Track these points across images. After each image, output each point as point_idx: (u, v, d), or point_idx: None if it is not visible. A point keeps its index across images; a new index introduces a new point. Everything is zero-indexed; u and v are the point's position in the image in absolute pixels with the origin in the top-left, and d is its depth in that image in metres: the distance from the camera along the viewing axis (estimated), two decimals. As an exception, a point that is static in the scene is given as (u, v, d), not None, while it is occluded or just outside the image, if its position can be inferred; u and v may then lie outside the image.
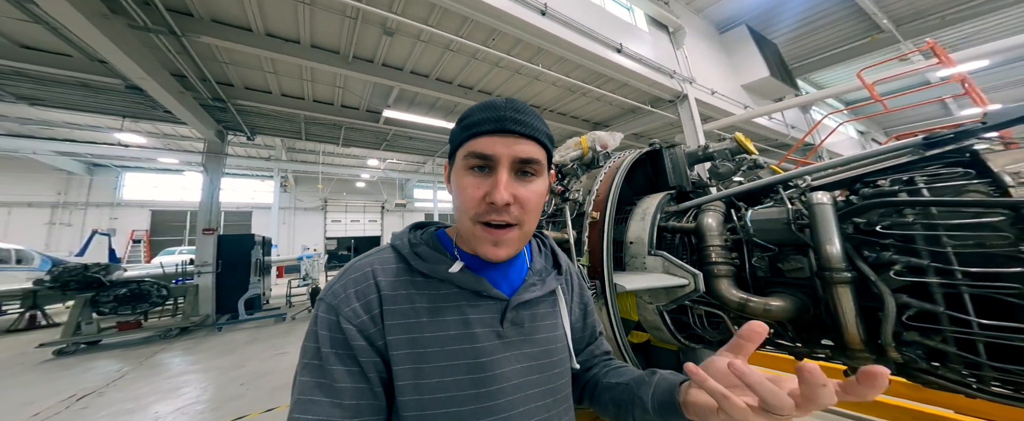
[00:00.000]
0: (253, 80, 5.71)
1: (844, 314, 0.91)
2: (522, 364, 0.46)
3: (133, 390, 3.10)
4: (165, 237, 13.52)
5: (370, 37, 4.88)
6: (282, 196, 15.71)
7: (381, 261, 0.47)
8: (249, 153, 12.39)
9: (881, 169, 1.00)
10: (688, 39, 6.45)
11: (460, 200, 0.44)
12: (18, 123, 8.43)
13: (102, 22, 3.29)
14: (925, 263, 0.80)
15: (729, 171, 1.71)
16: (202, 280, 5.85)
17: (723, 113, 6.84)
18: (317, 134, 8.26)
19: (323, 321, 0.42)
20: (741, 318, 1.34)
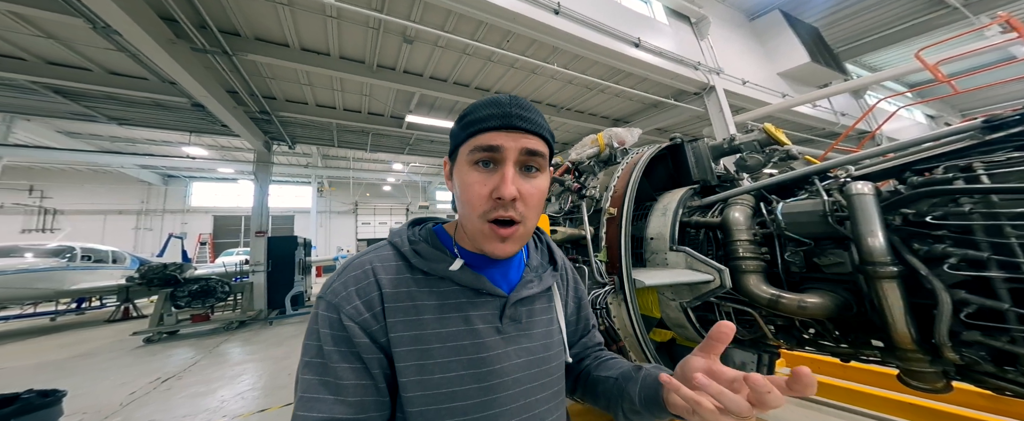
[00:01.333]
0: (292, 92, 6.21)
1: (891, 311, 0.83)
2: (521, 359, 0.46)
3: (204, 375, 3.50)
4: (225, 239, 15.07)
5: (391, 46, 5.12)
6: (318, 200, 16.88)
7: (380, 259, 0.47)
8: (290, 161, 13.45)
9: (933, 156, 0.89)
10: (713, 28, 6.07)
11: (466, 197, 0.43)
12: (109, 141, 9.81)
13: (170, 47, 3.76)
14: (986, 256, 0.71)
15: (758, 163, 1.61)
16: (256, 278, 6.46)
17: (757, 103, 6.35)
18: (347, 141, 8.81)
19: (324, 319, 0.42)
20: (773, 316, 1.26)
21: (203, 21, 4.03)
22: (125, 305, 7.01)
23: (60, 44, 4.40)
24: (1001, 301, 0.70)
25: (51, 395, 1.43)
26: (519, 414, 0.44)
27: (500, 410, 0.43)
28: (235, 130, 6.16)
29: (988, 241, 0.72)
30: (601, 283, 1.40)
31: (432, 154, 10.69)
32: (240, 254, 10.70)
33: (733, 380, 0.37)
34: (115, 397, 2.99)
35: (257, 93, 5.71)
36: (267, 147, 7.26)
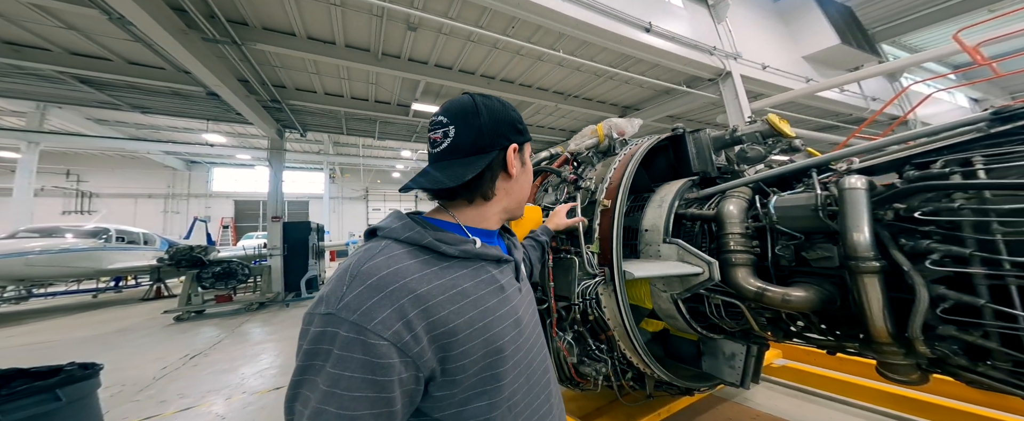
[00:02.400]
0: (301, 81, 6.26)
1: (870, 305, 0.82)
2: (530, 307, 0.58)
3: (228, 353, 3.75)
4: (246, 223, 15.75)
5: (395, 33, 5.05)
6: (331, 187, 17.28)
7: (398, 259, 0.44)
8: (304, 149, 13.73)
9: (936, 149, 0.85)
10: (732, 10, 5.68)
11: (531, 180, 0.61)
12: (135, 128, 10.23)
13: (181, 36, 3.84)
14: (968, 252, 0.69)
15: (759, 155, 1.56)
16: (273, 261, 6.78)
17: (777, 89, 6.00)
18: (356, 129, 8.91)
19: (342, 341, 0.37)
20: (760, 309, 1.26)
21: (212, 11, 4.07)
22: (157, 285, 7.50)
23: (80, 34, 4.54)
24: (979, 297, 0.69)
25: (90, 368, 1.57)
26: (540, 351, 0.56)
27: (533, 352, 0.53)
28: (248, 118, 6.32)
29: (974, 238, 0.70)
30: (591, 274, 1.42)
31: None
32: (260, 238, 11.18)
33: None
34: (149, 371, 3.26)
35: (267, 82, 5.81)
36: (279, 134, 7.43)
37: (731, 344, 1.69)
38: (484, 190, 0.53)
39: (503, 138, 0.53)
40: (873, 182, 0.89)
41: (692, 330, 1.52)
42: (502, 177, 0.55)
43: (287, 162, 15.34)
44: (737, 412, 1.93)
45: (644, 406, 1.79)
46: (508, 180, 0.56)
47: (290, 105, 6.67)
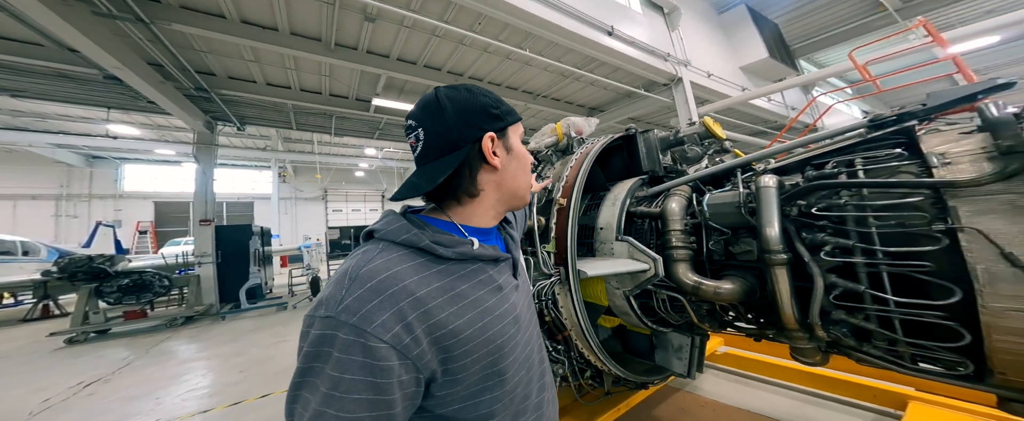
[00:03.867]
0: (236, 69, 5.59)
1: (781, 294, 0.92)
2: (526, 303, 0.58)
3: (140, 375, 3.24)
4: (170, 228, 13.71)
5: (351, 24, 4.73)
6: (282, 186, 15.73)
7: (395, 262, 0.44)
8: (245, 144, 12.32)
9: (830, 151, 0.98)
10: (684, 20, 6.18)
11: (528, 162, 0.56)
12: (11, 116, 8.38)
13: (62, 9, 3.18)
14: (852, 244, 0.80)
15: (697, 155, 1.69)
16: (203, 270, 5.97)
17: (719, 96, 6.65)
18: (308, 124, 8.18)
19: (342, 344, 0.38)
20: (698, 302, 1.36)
21: (106, -19, 3.45)
22: (44, 302, 6.23)
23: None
24: (860, 283, 0.79)
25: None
26: (538, 344, 0.57)
27: (531, 347, 0.54)
28: (165, 108, 5.48)
29: (855, 230, 0.80)
30: (547, 274, 1.42)
31: (406, 140, 10.23)
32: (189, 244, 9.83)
33: None
34: (26, 404, 2.70)
35: (190, 68, 5.06)
36: (209, 128, 6.55)
37: (678, 336, 1.81)
38: (466, 188, 0.51)
39: (474, 129, 0.50)
40: (782, 181, 0.99)
41: (643, 325, 1.59)
42: (485, 170, 0.52)
43: (223, 159, 13.71)
44: (688, 401, 2.08)
45: (604, 403, 1.85)
46: (494, 172, 0.53)
47: (222, 95, 5.90)
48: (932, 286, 0.71)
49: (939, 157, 0.71)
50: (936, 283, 0.71)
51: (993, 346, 0.63)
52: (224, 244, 6.22)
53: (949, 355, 0.72)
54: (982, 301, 0.63)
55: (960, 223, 0.66)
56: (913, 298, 0.73)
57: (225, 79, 5.76)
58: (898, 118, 0.84)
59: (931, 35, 3.50)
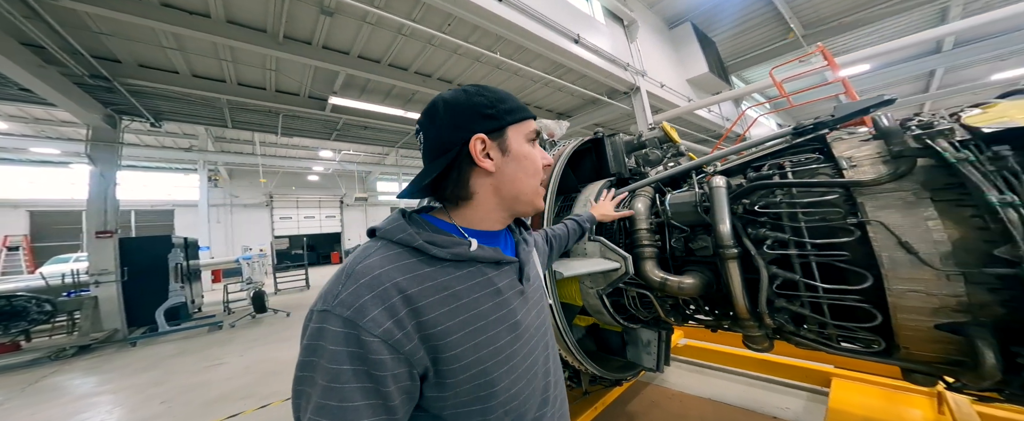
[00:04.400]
0: (149, 57, 4.82)
1: (733, 287, 1.03)
2: (534, 311, 0.55)
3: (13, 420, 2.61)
4: (53, 242, 11.28)
5: (305, 16, 4.39)
6: (214, 192, 13.88)
7: (391, 259, 0.46)
8: (162, 142, 10.68)
9: (765, 155, 1.13)
10: (641, 33, 6.74)
11: (531, 167, 0.54)
12: None
13: None
14: (787, 237, 0.92)
15: (657, 158, 1.84)
16: (103, 291, 5.00)
17: (670, 105, 7.34)
18: (247, 122, 7.32)
19: (336, 336, 0.40)
20: (664, 297, 1.47)
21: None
22: None
23: None
24: (795, 273, 0.92)
25: None
26: (542, 354, 0.54)
27: (529, 358, 0.51)
28: (46, 97, 4.50)
29: (789, 225, 0.93)
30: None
31: (369, 142, 9.67)
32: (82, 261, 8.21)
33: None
34: None
35: (84, 52, 4.24)
36: (111, 123, 5.53)
37: (647, 332, 1.93)
38: (457, 191, 0.52)
39: (464, 131, 0.50)
40: (730, 182, 1.12)
41: (616, 322, 1.67)
42: (478, 173, 0.52)
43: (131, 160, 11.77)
44: (659, 394, 2.21)
45: (582, 403, 1.89)
46: (489, 175, 0.52)
47: (129, 85, 5.02)
48: (850, 273, 0.85)
49: (847, 160, 0.86)
50: (853, 270, 0.85)
51: (898, 324, 0.77)
52: (132, 259, 5.31)
53: (866, 334, 0.86)
54: (888, 284, 0.77)
55: (867, 217, 0.80)
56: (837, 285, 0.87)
57: (134, 67, 4.92)
58: (815, 127, 1.00)
59: (826, 59, 4.27)
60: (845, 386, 1.74)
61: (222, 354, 4.05)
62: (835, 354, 0.95)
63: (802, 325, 0.97)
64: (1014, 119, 0.66)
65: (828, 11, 7.23)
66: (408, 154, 14.00)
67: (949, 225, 0.71)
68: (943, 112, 0.83)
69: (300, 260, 10.12)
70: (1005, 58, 7.95)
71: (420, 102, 7.48)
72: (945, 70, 9.11)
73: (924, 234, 0.72)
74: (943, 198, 0.72)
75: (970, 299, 0.68)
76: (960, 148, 0.70)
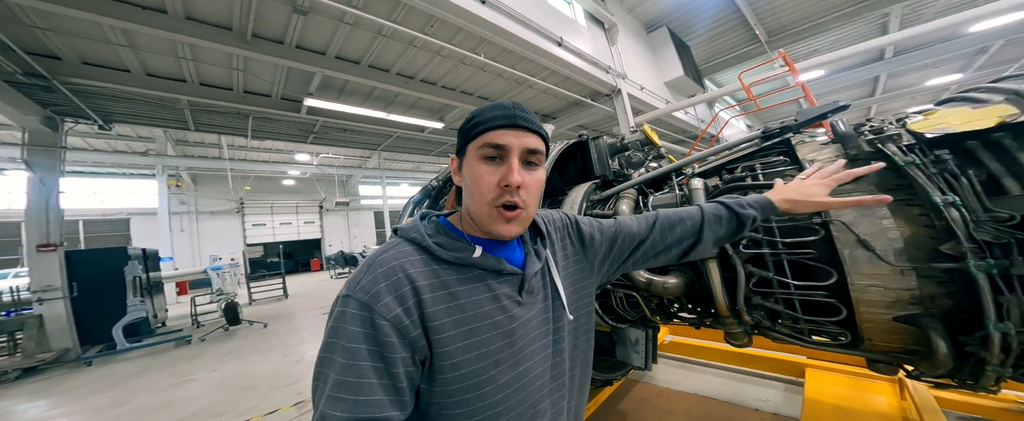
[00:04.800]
0: (95, 54, 4.47)
1: (713, 286, 1.08)
2: (536, 322, 0.56)
3: None
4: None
5: (275, 15, 4.22)
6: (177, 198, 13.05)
7: (404, 254, 0.50)
8: (115, 146, 9.94)
9: (738, 157, 1.19)
10: (621, 36, 6.95)
11: (476, 187, 0.52)
12: None
13: None
14: (760, 237, 0.98)
15: (639, 161, 1.90)
16: (48, 308, 4.59)
17: (650, 107, 7.60)
18: (212, 124, 6.94)
19: (354, 317, 0.44)
20: (650, 297, 1.51)
21: None
22: None
23: None
24: (769, 271, 0.98)
25: None
26: (541, 366, 0.54)
27: (525, 368, 0.52)
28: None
29: (762, 225, 0.99)
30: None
31: (349, 145, 9.40)
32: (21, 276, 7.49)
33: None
34: None
35: (12, 47, 3.88)
36: (51, 125, 5.09)
37: (634, 331, 1.98)
38: (459, 201, 0.58)
39: (456, 149, 0.56)
40: (707, 183, 1.18)
41: (604, 323, 1.70)
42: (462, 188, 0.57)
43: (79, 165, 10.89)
44: (647, 392, 2.27)
45: None
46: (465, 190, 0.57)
47: (72, 85, 4.62)
48: (818, 270, 0.92)
49: (810, 163, 0.93)
50: (820, 267, 0.91)
51: (861, 317, 0.83)
52: (83, 273, 4.92)
53: (834, 328, 0.92)
54: (851, 280, 0.83)
55: (830, 217, 0.87)
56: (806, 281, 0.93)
57: (77, 64, 4.54)
58: (780, 131, 1.07)
59: (787, 65, 4.57)
60: (818, 376, 1.85)
61: (191, 370, 3.84)
62: (807, 347, 1.01)
63: (777, 320, 1.02)
64: (951, 125, 0.74)
65: (788, 19, 7.78)
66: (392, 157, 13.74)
67: (901, 223, 0.78)
68: (891, 117, 0.91)
69: (276, 268, 9.67)
70: (937, 66, 9.00)
71: (402, 104, 7.36)
72: (887, 76, 10.03)
73: (880, 232, 0.79)
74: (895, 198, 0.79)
75: (922, 292, 0.75)
76: (907, 152, 0.78)
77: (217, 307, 6.15)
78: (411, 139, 9.41)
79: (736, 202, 0.70)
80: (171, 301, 10.56)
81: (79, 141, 9.24)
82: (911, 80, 10.78)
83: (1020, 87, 0.70)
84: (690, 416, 1.96)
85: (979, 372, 0.70)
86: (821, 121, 1.02)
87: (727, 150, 1.30)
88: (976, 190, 0.69)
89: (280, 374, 3.44)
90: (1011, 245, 0.64)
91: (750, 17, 7.61)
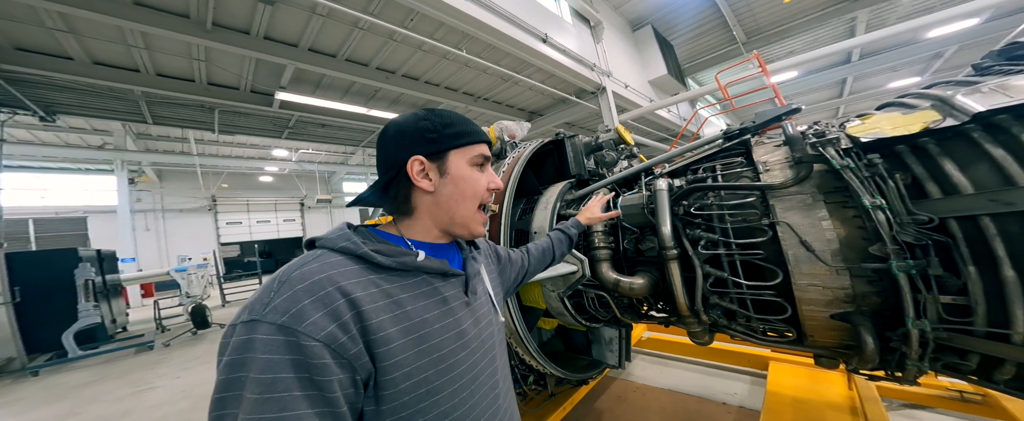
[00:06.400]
0: (30, 39, 4.12)
1: (675, 285, 1.11)
2: (481, 323, 0.57)
3: None
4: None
5: (238, 4, 4.02)
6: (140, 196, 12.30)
7: (332, 266, 0.46)
8: (66, 140, 9.27)
9: (701, 158, 1.23)
10: (606, 34, 7.01)
11: (472, 190, 0.56)
12: None
13: None
14: (717, 237, 1.01)
15: (613, 160, 1.92)
16: None
17: (634, 105, 7.74)
18: (173, 117, 6.58)
19: (270, 344, 0.38)
20: (619, 297, 1.54)
21: None
22: None
23: None
24: (723, 271, 1.01)
25: None
26: (488, 367, 0.56)
27: (478, 368, 0.53)
28: None
29: (719, 226, 1.03)
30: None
31: (330, 140, 9.12)
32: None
33: None
34: None
35: None
36: None
37: (609, 330, 2.02)
38: (400, 206, 0.57)
39: (405, 152, 0.55)
40: (672, 184, 1.21)
41: (578, 323, 1.72)
42: (419, 192, 0.56)
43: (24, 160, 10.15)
44: (623, 388, 2.32)
45: (550, 405, 1.93)
46: (427, 194, 0.56)
47: (6, 72, 4.27)
48: (767, 270, 0.96)
49: (763, 165, 0.97)
50: (768, 267, 0.95)
51: (803, 315, 0.88)
52: (28, 277, 4.60)
53: (782, 325, 0.97)
54: (794, 279, 0.87)
55: (777, 218, 0.91)
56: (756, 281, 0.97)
57: (9, 51, 4.17)
58: (740, 132, 1.11)
59: (760, 66, 4.76)
60: (780, 369, 1.95)
61: (152, 378, 3.65)
62: (760, 344, 1.06)
63: (733, 319, 1.07)
64: (883, 130, 0.78)
65: (765, 21, 8.11)
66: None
67: (837, 224, 0.82)
68: (835, 121, 0.95)
69: (252, 268, 9.30)
70: (897, 69, 9.66)
71: (383, 100, 7.18)
72: (854, 78, 10.66)
73: (819, 233, 0.83)
74: (833, 200, 0.83)
75: (854, 291, 0.80)
76: (843, 155, 0.82)
77: (184, 310, 5.87)
78: (394, 135, 9.20)
79: (566, 227, 1.13)
80: (136, 304, 10.00)
81: (25, 133, 8.56)
82: (875, 82, 11.48)
83: (944, 93, 0.75)
84: (664, 412, 2.02)
85: (903, 366, 0.75)
86: (777, 123, 1.06)
87: (692, 151, 1.33)
88: (901, 193, 0.74)
89: (249, 381, 3.31)
90: (929, 246, 0.69)
91: (729, 18, 7.86)
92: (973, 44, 7.11)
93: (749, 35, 8.51)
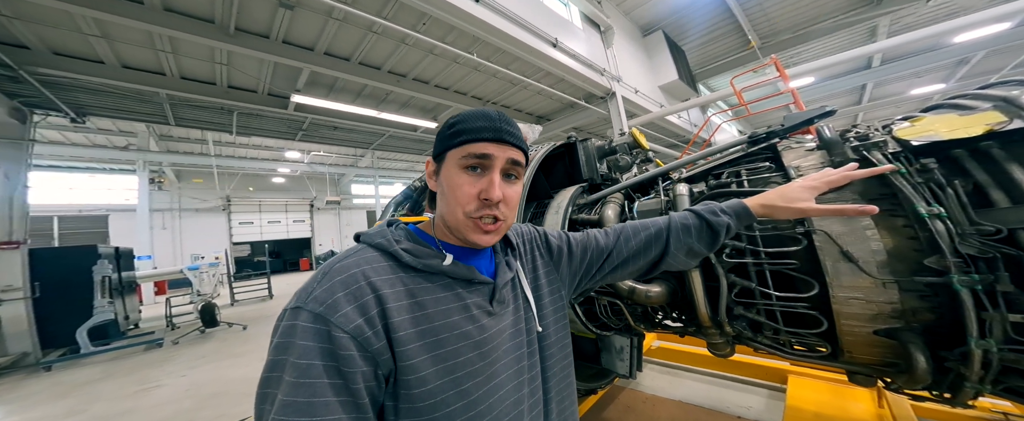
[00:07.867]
0: (67, 44, 4.30)
1: (696, 295, 1.04)
2: (508, 333, 0.54)
3: None
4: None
5: (259, 9, 4.12)
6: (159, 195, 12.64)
7: (367, 261, 0.48)
8: (93, 141, 9.59)
9: (724, 162, 1.16)
10: (617, 39, 6.97)
11: (454, 196, 0.50)
12: None
13: None
14: (743, 246, 0.95)
15: (627, 164, 1.87)
16: (7, 309, 4.36)
17: (644, 110, 7.65)
18: (194, 119, 6.75)
19: (307, 331, 0.41)
20: (633, 305, 1.48)
21: None
22: None
23: None
24: (751, 281, 0.94)
25: None
26: (513, 379, 0.52)
27: (498, 380, 0.50)
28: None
29: (746, 234, 0.96)
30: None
31: (340, 142, 9.26)
32: None
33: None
34: None
35: None
36: (19, 117, 4.88)
37: (619, 339, 1.94)
38: (433, 207, 0.56)
39: (433, 153, 0.54)
40: (692, 189, 1.14)
41: (589, 330, 1.66)
42: (437, 194, 0.55)
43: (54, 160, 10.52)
44: (632, 399, 2.23)
45: None
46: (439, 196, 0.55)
47: (41, 76, 4.45)
48: (800, 281, 0.88)
49: (795, 169, 0.90)
50: (802, 278, 0.88)
51: (842, 330, 0.80)
52: (48, 273, 4.70)
53: (815, 339, 0.89)
54: (832, 292, 0.80)
55: (813, 226, 0.84)
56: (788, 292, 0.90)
57: (46, 55, 4.36)
58: (767, 136, 1.04)
59: (778, 71, 4.64)
60: (800, 383, 1.84)
61: (159, 376, 3.66)
62: (789, 359, 0.98)
63: (759, 331, 0.99)
64: (938, 132, 0.71)
65: (781, 25, 7.94)
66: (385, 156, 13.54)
67: (884, 234, 0.75)
68: (877, 124, 0.88)
69: (263, 268, 9.41)
70: (920, 76, 9.32)
71: (394, 103, 7.25)
72: (874, 85, 10.33)
73: (863, 243, 0.76)
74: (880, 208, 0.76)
75: (903, 306, 0.72)
76: (892, 159, 0.75)
77: (194, 308, 5.94)
78: (404, 138, 9.29)
79: (708, 209, 0.65)
80: (149, 301, 10.21)
81: (56, 134, 8.88)
82: (896, 89, 11.13)
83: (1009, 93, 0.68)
84: (674, 424, 1.93)
85: (958, 387, 0.68)
86: (808, 126, 0.99)
87: (714, 155, 1.27)
88: (962, 201, 0.67)
89: (254, 380, 3.27)
90: (997, 259, 0.61)
91: (744, 23, 7.74)
92: (1004, 49, 6.82)
93: (764, 39, 8.37)
